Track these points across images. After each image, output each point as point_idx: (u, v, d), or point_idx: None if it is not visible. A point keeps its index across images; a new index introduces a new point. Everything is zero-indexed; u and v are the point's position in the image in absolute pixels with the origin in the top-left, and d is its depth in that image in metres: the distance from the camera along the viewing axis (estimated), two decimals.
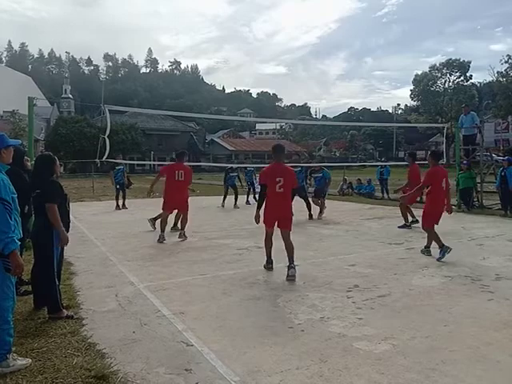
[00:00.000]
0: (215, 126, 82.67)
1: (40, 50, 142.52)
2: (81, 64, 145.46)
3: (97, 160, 10.34)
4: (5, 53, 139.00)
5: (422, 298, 4.84)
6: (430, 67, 61.01)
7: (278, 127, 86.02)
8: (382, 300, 4.77)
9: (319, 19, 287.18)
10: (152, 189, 9.07)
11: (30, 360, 3.30)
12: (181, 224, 8.58)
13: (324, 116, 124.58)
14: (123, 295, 4.99)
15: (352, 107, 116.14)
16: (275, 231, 6.04)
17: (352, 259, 6.71)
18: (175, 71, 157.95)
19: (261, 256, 6.38)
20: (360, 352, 3.48)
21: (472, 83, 61.38)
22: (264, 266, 6.15)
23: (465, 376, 3.09)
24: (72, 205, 4.96)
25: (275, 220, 5.93)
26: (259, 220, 5.93)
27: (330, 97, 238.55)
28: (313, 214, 11.40)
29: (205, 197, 17.69)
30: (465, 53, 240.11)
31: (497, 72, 51.83)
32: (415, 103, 67.30)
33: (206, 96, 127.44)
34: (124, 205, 14.22)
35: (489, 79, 63.29)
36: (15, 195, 3.31)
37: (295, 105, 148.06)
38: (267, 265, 6.14)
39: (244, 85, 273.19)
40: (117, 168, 14.15)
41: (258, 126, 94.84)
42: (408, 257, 6.90)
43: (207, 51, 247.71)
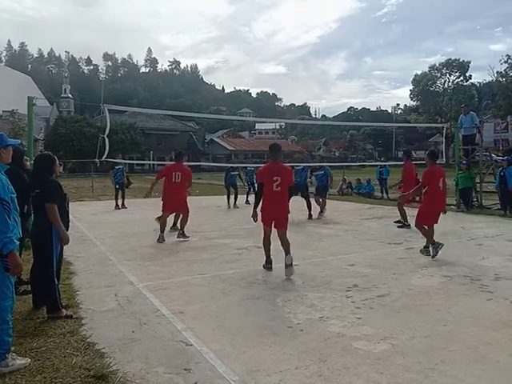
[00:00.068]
0: (215, 126, 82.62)
1: (39, 50, 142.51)
2: (80, 64, 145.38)
3: (96, 160, 10.35)
4: (4, 52, 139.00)
5: (422, 298, 4.84)
6: (430, 67, 61.13)
7: (278, 127, 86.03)
8: (382, 300, 4.77)
9: (319, 19, 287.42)
10: (151, 191, 9.05)
11: (29, 360, 3.30)
12: (180, 224, 8.58)
13: (323, 116, 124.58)
14: (122, 295, 4.98)
15: (351, 107, 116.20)
16: (273, 231, 6.08)
17: (351, 259, 6.72)
18: (175, 71, 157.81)
19: (260, 256, 6.38)
20: (359, 352, 3.48)
21: (471, 83, 61.46)
22: (263, 266, 6.16)
23: (464, 376, 3.10)
24: (71, 204, 4.96)
25: (273, 219, 6.00)
26: (257, 218, 6.00)
27: (330, 97, 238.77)
28: (312, 214, 11.38)
29: (204, 196, 17.68)
30: (464, 53, 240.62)
31: (496, 72, 52.00)
32: (415, 103, 67.38)
33: (206, 96, 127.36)
34: (123, 204, 14.22)
35: (488, 79, 63.49)
36: (14, 195, 3.30)
37: (295, 104, 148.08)
38: (266, 264, 6.14)
39: (244, 84, 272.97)
40: (116, 168, 14.14)
41: (258, 126, 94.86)
42: (407, 257, 6.90)
43: (207, 51, 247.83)
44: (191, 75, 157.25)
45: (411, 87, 62.65)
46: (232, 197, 14.51)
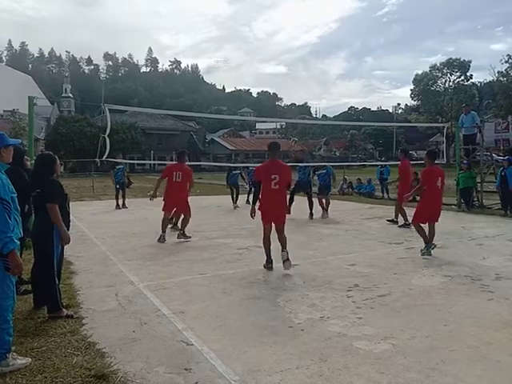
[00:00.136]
0: (215, 126, 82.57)
1: (40, 50, 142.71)
2: (81, 63, 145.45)
3: (97, 159, 10.34)
4: (5, 52, 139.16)
5: (422, 298, 4.84)
6: (431, 67, 61.00)
7: (279, 127, 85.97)
8: (382, 299, 4.77)
9: (319, 19, 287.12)
10: (156, 192, 8.87)
11: (30, 359, 3.30)
12: (181, 224, 8.56)
13: (324, 115, 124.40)
14: (123, 294, 4.99)
15: (352, 107, 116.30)
16: (272, 231, 6.16)
17: (352, 259, 6.71)
18: (175, 71, 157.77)
19: (261, 255, 6.38)
20: (360, 351, 3.48)
21: (472, 83, 61.36)
22: (264, 266, 6.16)
23: (465, 375, 3.09)
24: (72, 204, 4.96)
25: (272, 216, 6.10)
26: (255, 214, 6.10)
27: (330, 96, 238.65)
28: (314, 213, 11.37)
29: (205, 196, 17.69)
30: (465, 52, 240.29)
31: (497, 72, 51.81)
32: (415, 103, 67.28)
33: (206, 95, 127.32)
34: (124, 204, 14.22)
35: (489, 79, 63.20)
36: (15, 195, 3.30)
37: (295, 104, 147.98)
38: (267, 264, 6.15)
39: (244, 84, 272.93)
40: (117, 167, 14.14)
41: (258, 126, 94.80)
42: (408, 256, 6.90)
43: (207, 51, 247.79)
44: (192, 75, 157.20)
45: (412, 87, 62.63)
46: (233, 195, 14.47)
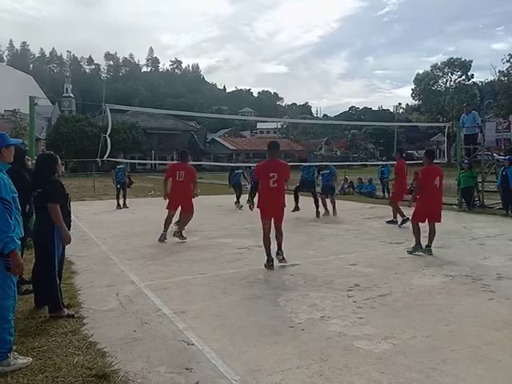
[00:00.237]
0: (216, 125, 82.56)
1: (41, 49, 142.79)
2: (82, 63, 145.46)
3: (98, 159, 10.35)
4: (6, 52, 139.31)
5: (423, 298, 4.84)
6: (432, 66, 60.91)
7: (280, 126, 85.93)
8: (383, 299, 4.77)
9: (321, 18, 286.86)
10: (165, 191, 8.89)
11: (31, 359, 3.31)
12: (180, 223, 8.51)
13: (325, 115, 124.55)
14: (124, 294, 4.99)
15: (353, 106, 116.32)
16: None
17: (353, 258, 6.71)
18: (176, 70, 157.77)
19: (261, 255, 6.38)
20: (360, 351, 3.48)
21: (473, 82, 61.28)
22: (264, 265, 6.17)
23: (466, 375, 3.09)
24: (73, 204, 4.96)
25: (271, 214, 6.28)
26: (253, 206, 6.54)
27: (331, 96, 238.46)
28: (320, 212, 11.47)
29: (205, 196, 17.66)
30: (466, 52, 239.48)
31: (498, 71, 51.78)
32: (416, 102, 67.14)
33: (207, 95, 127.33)
34: (125, 204, 14.22)
35: (490, 78, 63.25)
36: (16, 194, 3.30)
37: (296, 104, 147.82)
38: (268, 263, 6.16)
39: (245, 84, 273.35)
40: (118, 167, 14.14)
41: (259, 125, 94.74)
42: (409, 256, 6.90)
43: (208, 50, 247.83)
44: (193, 75, 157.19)
45: (413, 86, 62.52)
46: (237, 195, 14.41)
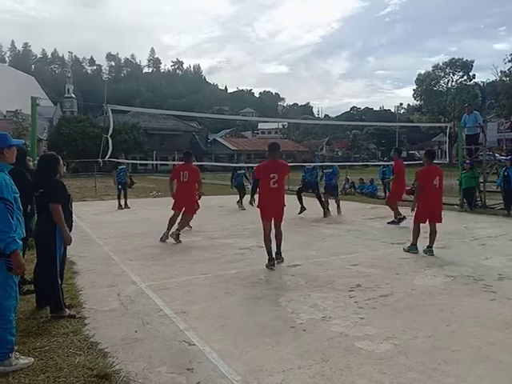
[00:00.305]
0: (217, 126, 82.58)
1: (43, 50, 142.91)
2: (84, 64, 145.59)
3: (99, 159, 10.37)
4: (8, 53, 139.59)
5: (424, 298, 4.83)
6: (433, 67, 60.91)
7: (281, 127, 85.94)
8: (384, 300, 4.77)
9: (322, 19, 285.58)
10: (173, 193, 8.81)
11: (33, 359, 3.31)
12: (180, 224, 8.45)
13: (326, 115, 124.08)
14: (125, 294, 5.00)
15: (354, 107, 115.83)
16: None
17: (354, 259, 6.71)
18: (177, 71, 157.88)
19: (263, 255, 6.39)
20: (362, 352, 3.47)
21: (475, 82, 61.24)
22: (266, 266, 6.17)
23: (467, 376, 3.09)
24: (74, 204, 4.97)
25: (271, 214, 6.37)
26: (255, 201, 6.64)
27: (333, 96, 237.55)
28: (327, 212, 11.54)
29: (207, 196, 17.65)
30: (468, 52, 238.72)
31: (500, 71, 51.81)
32: (418, 103, 67.06)
33: (209, 95, 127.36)
34: (126, 204, 14.24)
35: (492, 78, 63.26)
36: (18, 195, 3.31)
37: (297, 104, 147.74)
38: (269, 263, 6.20)
39: (246, 84, 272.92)
40: (119, 168, 14.18)
41: (261, 126, 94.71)
42: (410, 256, 6.89)
43: (210, 51, 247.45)
44: (194, 75, 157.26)
45: (414, 87, 62.48)
46: (240, 195, 14.39)
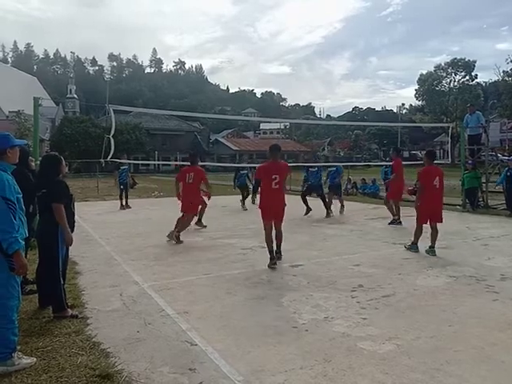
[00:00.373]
0: (219, 126, 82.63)
1: (45, 51, 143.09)
2: (86, 64, 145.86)
3: (102, 160, 10.39)
4: (10, 53, 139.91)
5: (427, 298, 4.82)
6: (435, 67, 60.90)
7: (283, 127, 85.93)
8: (387, 300, 4.76)
9: (323, 19, 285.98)
10: (178, 193, 8.88)
11: (35, 359, 3.32)
12: (180, 225, 8.39)
13: (328, 116, 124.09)
14: (127, 294, 5.00)
15: (356, 107, 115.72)
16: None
17: (356, 259, 6.70)
18: (179, 71, 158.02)
19: (265, 256, 6.40)
20: (364, 352, 3.47)
21: (477, 83, 61.20)
22: (268, 266, 6.18)
23: (469, 376, 3.09)
24: (77, 204, 4.98)
25: (272, 214, 6.45)
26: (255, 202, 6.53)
27: (335, 96, 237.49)
28: (330, 213, 11.60)
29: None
30: (470, 52, 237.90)
31: (502, 71, 51.65)
32: (420, 103, 67.13)
33: (211, 96, 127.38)
34: (127, 204, 14.26)
35: (494, 78, 63.07)
36: (20, 195, 3.32)
37: (299, 104, 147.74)
38: (271, 262, 6.25)
39: (248, 84, 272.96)
40: (121, 168, 14.22)
41: (263, 126, 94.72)
42: (412, 257, 6.88)
43: (211, 51, 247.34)
44: (196, 75, 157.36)
45: (416, 87, 62.54)
46: (243, 196, 14.37)
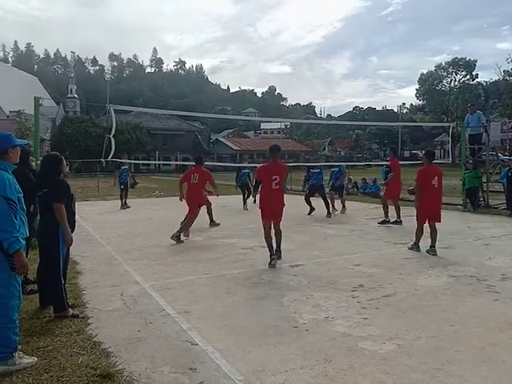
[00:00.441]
0: (220, 126, 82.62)
1: (46, 50, 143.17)
2: (86, 64, 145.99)
3: (102, 159, 10.39)
4: (11, 53, 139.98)
5: (428, 298, 4.82)
6: (436, 66, 60.85)
7: (283, 127, 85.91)
8: (387, 300, 4.76)
9: (324, 18, 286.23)
10: (183, 196, 9.00)
11: (36, 358, 3.32)
12: (182, 225, 8.42)
13: (329, 115, 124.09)
14: (128, 294, 5.00)
15: (357, 106, 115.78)
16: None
17: (357, 259, 6.70)
18: (180, 71, 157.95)
19: (265, 255, 6.41)
20: (365, 352, 3.47)
21: (478, 82, 61.16)
22: (269, 265, 6.22)
23: (470, 376, 3.08)
24: (77, 204, 4.99)
25: (271, 214, 6.50)
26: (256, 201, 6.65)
27: (335, 96, 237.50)
28: (331, 213, 11.66)
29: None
30: (471, 51, 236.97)
31: (503, 71, 51.60)
32: (421, 102, 67.02)
33: (211, 95, 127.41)
34: (126, 203, 14.25)
35: (495, 78, 63.08)
36: (21, 195, 3.32)
37: (300, 104, 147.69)
38: (270, 257, 6.32)
39: (249, 84, 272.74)
40: (122, 168, 14.23)
41: (263, 126, 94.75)
42: (413, 256, 6.88)
43: (212, 51, 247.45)
44: (196, 75, 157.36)
45: (417, 86, 62.46)
46: (245, 195, 14.37)
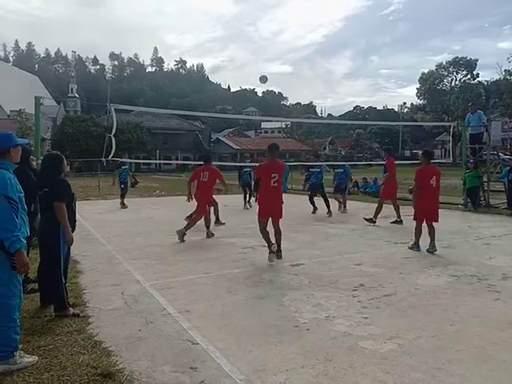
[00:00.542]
0: (220, 125, 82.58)
1: (46, 50, 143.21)
2: (87, 63, 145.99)
3: (103, 159, 10.40)
4: (12, 52, 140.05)
5: (428, 298, 4.82)
6: (437, 65, 60.82)
7: (284, 126, 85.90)
8: (388, 299, 4.76)
9: (325, 18, 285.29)
10: (190, 195, 9.01)
11: (37, 357, 3.33)
12: (188, 223, 8.51)
13: (330, 114, 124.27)
14: (129, 293, 5.01)
15: (358, 106, 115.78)
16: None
17: (358, 258, 6.70)
18: (181, 70, 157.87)
19: (266, 254, 6.42)
20: (365, 351, 3.47)
21: (479, 81, 61.11)
22: (268, 259, 6.34)
23: (471, 375, 3.08)
24: (78, 203, 4.99)
25: (270, 211, 6.57)
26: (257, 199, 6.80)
27: (336, 95, 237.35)
28: (331, 212, 11.69)
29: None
30: (472, 51, 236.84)
31: (504, 70, 51.68)
32: (421, 102, 66.97)
33: (212, 95, 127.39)
34: (123, 203, 14.16)
35: (496, 77, 63.01)
36: (22, 194, 3.32)
37: (301, 103, 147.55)
38: (269, 249, 6.41)
39: (249, 83, 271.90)
40: (122, 167, 14.21)
41: (264, 125, 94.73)
42: (413, 256, 6.88)
43: (213, 50, 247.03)
44: (197, 74, 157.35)
45: (418, 86, 62.44)
46: (247, 195, 14.36)
